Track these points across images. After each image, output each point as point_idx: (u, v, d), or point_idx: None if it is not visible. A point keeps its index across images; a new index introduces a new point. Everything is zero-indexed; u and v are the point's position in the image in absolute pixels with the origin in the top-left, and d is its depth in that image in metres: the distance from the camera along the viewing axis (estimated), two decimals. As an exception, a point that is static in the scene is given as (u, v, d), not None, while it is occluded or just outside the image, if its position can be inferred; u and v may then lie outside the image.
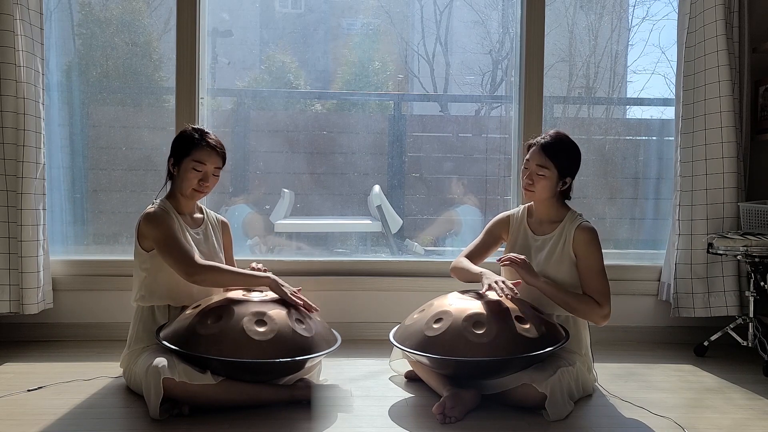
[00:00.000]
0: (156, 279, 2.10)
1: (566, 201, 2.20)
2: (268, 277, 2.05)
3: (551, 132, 2.15)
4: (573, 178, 2.15)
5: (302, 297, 2.06)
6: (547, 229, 2.17)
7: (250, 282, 2.07)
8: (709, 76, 2.70)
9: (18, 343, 2.66)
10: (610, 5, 3.72)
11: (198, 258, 2.04)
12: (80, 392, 2.06)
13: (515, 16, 3.02)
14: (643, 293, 2.91)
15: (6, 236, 2.54)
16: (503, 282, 1.97)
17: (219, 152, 2.14)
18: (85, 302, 2.77)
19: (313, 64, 3.88)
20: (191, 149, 2.11)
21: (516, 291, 1.95)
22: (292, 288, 2.06)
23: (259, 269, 2.19)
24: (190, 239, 2.13)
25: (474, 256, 2.28)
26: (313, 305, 2.07)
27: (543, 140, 2.12)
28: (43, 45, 2.63)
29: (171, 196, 2.17)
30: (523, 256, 2.08)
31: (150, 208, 2.11)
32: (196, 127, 2.18)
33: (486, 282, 2.00)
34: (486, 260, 2.32)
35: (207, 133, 2.15)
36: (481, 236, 2.33)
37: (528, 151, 2.17)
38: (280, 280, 2.05)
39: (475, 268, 2.15)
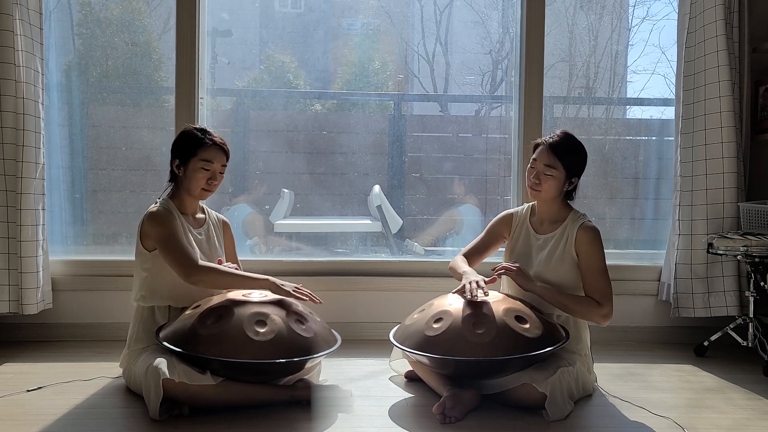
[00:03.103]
0: (157, 279, 2.10)
1: (570, 201, 2.20)
2: (267, 280, 2.02)
3: (558, 131, 2.13)
4: (579, 178, 2.14)
5: (305, 291, 2.03)
6: (549, 228, 2.17)
7: (249, 284, 2.04)
8: (709, 76, 2.70)
9: (17, 343, 2.66)
10: (610, 5, 3.72)
11: (198, 260, 2.03)
12: (80, 392, 2.05)
13: (515, 16, 3.02)
14: (643, 293, 2.91)
15: (5, 236, 2.54)
16: (476, 283, 1.98)
17: (225, 150, 2.15)
18: (84, 302, 2.77)
19: (313, 64, 3.88)
20: (197, 149, 2.10)
21: (486, 291, 1.96)
22: (292, 284, 2.04)
23: None
24: (192, 239, 2.13)
25: (473, 254, 2.28)
26: (317, 297, 2.05)
27: (551, 139, 2.10)
28: (42, 45, 2.63)
29: (174, 197, 2.17)
30: (517, 264, 2.09)
31: (153, 207, 2.11)
32: (197, 126, 2.18)
33: (463, 282, 2.02)
34: (487, 259, 2.33)
35: (210, 131, 2.15)
36: (481, 235, 2.33)
37: (535, 150, 2.15)
38: (278, 281, 2.02)
39: (462, 268, 2.16)
